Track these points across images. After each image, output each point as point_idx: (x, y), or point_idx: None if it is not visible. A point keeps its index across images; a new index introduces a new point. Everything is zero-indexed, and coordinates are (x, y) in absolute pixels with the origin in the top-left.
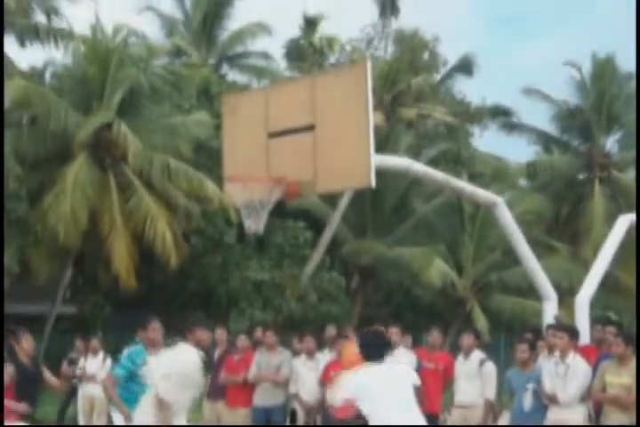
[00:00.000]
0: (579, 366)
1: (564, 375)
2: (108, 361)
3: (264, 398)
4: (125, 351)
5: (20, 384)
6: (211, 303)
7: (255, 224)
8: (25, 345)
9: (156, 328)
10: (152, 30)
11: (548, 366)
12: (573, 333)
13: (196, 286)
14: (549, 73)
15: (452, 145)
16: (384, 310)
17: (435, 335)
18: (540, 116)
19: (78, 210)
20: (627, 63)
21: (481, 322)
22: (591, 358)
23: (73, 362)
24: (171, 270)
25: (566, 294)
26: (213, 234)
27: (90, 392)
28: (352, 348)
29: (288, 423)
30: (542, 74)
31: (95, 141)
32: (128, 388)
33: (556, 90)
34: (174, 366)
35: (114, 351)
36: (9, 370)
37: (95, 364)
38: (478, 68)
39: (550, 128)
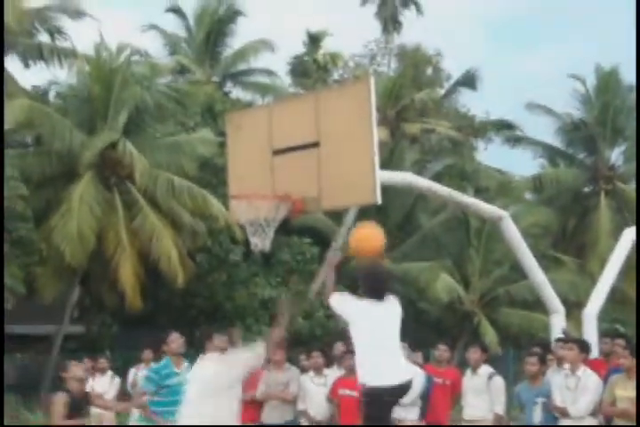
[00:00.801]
0: (590, 380)
1: (575, 388)
2: (116, 380)
3: (272, 415)
4: (153, 366)
5: (72, 410)
6: (217, 320)
7: (261, 242)
8: (75, 373)
9: (175, 339)
10: (155, 48)
11: (557, 379)
12: (584, 345)
13: (202, 304)
14: (553, 86)
15: (457, 159)
16: None
17: (441, 350)
18: (544, 130)
19: (85, 229)
20: (631, 75)
21: (489, 336)
22: (600, 371)
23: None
24: (177, 288)
25: (573, 308)
26: (219, 252)
27: (98, 411)
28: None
29: None
30: (546, 87)
31: (100, 161)
32: (156, 403)
33: (561, 103)
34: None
35: (122, 370)
36: (63, 398)
37: (103, 383)
38: (481, 81)
39: (555, 141)
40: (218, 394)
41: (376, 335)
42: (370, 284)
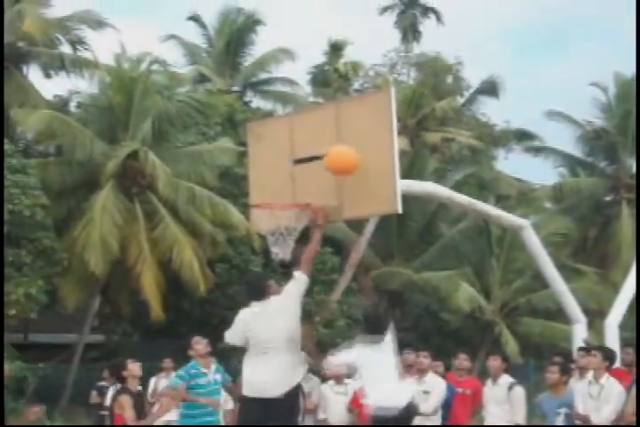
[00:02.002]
0: (613, 388)
1: (598, 396)
2: (138, 389)
3: None
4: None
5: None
6: None
7: (282, 251)
8: (133, 371)
9: (198, 341)
10: (175, 58)
11: (580, 387)
12: (607, 352)
13: (222, 313)
14: (573, 95)
15: (477, 168)
16: (412, 336)
17: (461, 359)
18: (564, 138)
19: (108, 239)
20: None
21: (511, 346)
22: (622, 380)
23: (102, 391)
24: (197, 298)
25: (595, 317)
26: (239, 263)
27: None
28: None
29: None
30: (566, 96)
31: (122, 170)
32: (188, 406)
33: (581, 111)
34: None
35: (142, 379)
36: (129, 400)
37: None
38: (503, 89)
39: (575, 150)
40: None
41: (256, 339)
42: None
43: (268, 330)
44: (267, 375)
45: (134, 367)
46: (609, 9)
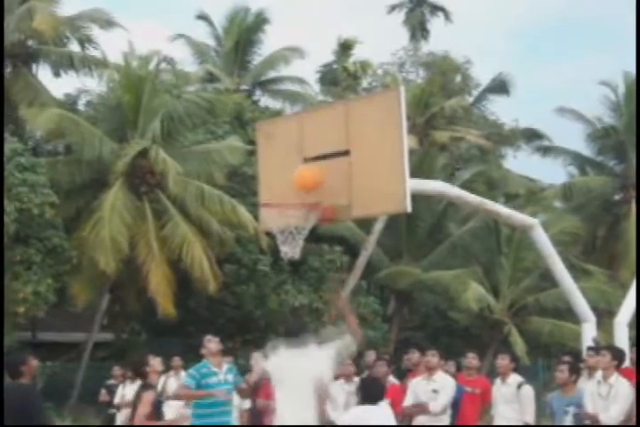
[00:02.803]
0: (622, 387)
1: (607, 396)
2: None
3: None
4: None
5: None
6: (247, 329)
7: (291, 250)
8: (155, 366)
9: (210, 339)
10: (184, 57)
11: (590, 386)
12: (616, 352)
13: (232, 312)
14: (583, 94)
15: (486, 167)
16: (420, 334)
17: (470, 358)
18: (573, 137)
19: (117, 237)
20: None
21: (519, 345)
22: (631, 379)
23: (111, 390)
24: (205, 297)
25: (604, 316)
26: (247, 263)
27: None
28: None
29: None
30: (576, 95)
31: (131, 169)
32: (199, 404)
33: (590, 110)
34: None
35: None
36: (152, 396)
37: (133, 391)
38: (513, 87)
39: (585, 149)
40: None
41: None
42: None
43: (301, 381)
44: (304, 416)
45: (156, 363)
46: (619, 7)
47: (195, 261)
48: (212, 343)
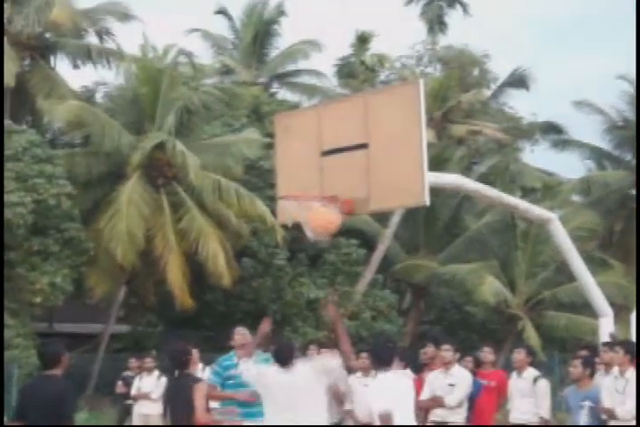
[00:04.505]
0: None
1: (624, 391)
2: (163, 379)
3: None
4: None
5: None
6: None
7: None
8: (195, 358)
9: (238, 332)
10: (201, 50)
11: (606, 381)
12: (629, 347)
13: (248, 305)
14: (601, 88)
15: (503, 161)
16: (437, 328)
17: (485, 352)
18: (592, 131)
19: (134, 229)
20: None
21: (533, 340)
22: None
23: (128, 381)
24: (222, 290)
25: (621, 311)
26: (264, 257)
27: (145, 411)
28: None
29: None
30: (594, 89)
31: (148, 161)
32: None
33: (609, 104)
34: None
35: (167, 370)
36: (205, 387)
37: (150, 382)
38: (533, 82)
39: (602, 142)
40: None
41: (277, 400)
42: (275, 354)
43: (291, 395)
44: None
45: (195, 353)
46: None
47: (211, 255)
48: (237, 335)
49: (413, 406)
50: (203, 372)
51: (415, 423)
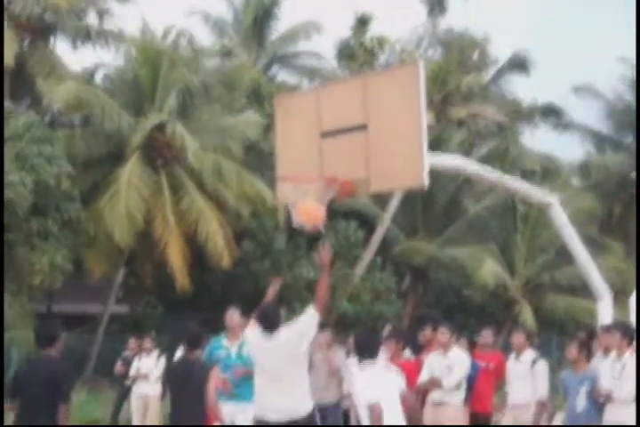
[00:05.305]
0: (634, 365)
1: (621, 374)
2: (162, 360)
3: (317, 396)
4: None
5: None
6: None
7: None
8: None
9: (229, 313)
10: (202, 32)
11: (604, 365)
12: (625, 329)
13: (246, 287)
14: (601, 71)
15: (503, 144)
16: (435, 311)
17: (485, 335)
18: (592, 114)
19: (133, 211)
20: None
21: (530, 323)
22: None
23: (127, 361)
24: (221, 271)
25: (620, 294)
26: (263, 239)
27: (144, 391)
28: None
29: (342, 423)
30: (594, 72)
31: (147, 143)
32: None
33: (609, 87)
34: None
35: (167, 351)
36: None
37: (149, 363)
38: (533, 65)
39: (602, 126)
40: (294, 362)
41: (264, 368)
42: (259, 319)
43: (278, 362)
44: (281, 402)
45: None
46: None
47: (210, 236)
48: (228, 316)
49: (399, 400)
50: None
51: (401, 416)
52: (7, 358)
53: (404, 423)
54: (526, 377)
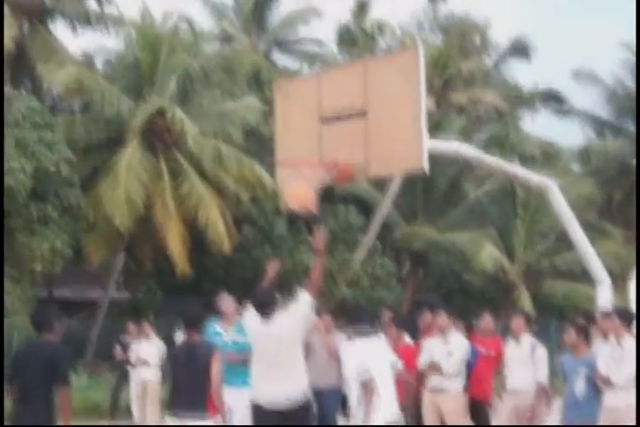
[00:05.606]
0: (632, 348)
1: (620, 359)
2: (161, 345)
3: (315, 380)
4: None
5: None
6: None
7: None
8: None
9: (221, 298)
10: (202, 16)
11: (604, 349)
12: (624, 314)
13: (247, 273)
14: (602, 56)
15: (503, 129)
16: (435, 296)
17: (487, 320)
18: (592, 100)
19: (133, 196)
20: None
21: (528, 308)
22: None
23: (125, 346)
24: (221, 257)
25: (619, 280)
26: (264, 224)
27: (142, 376)
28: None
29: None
30: (596, 57)
31: (147, 128)
32: None
33: (610, 73)
34: None
35: (166, 336)
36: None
37: (148, 348)
38: (533, 50)
39: (603, 111)
40: (291, 348)
41: (261, 353)
42: (255, 305)
43: (274, 348)
44: (278, 388)
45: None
46: None
47: (210, 221)
48: (221, 302)
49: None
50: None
51: (393, 386)
52: (8, 343)
53: (394, 394)
54: (526, 362)
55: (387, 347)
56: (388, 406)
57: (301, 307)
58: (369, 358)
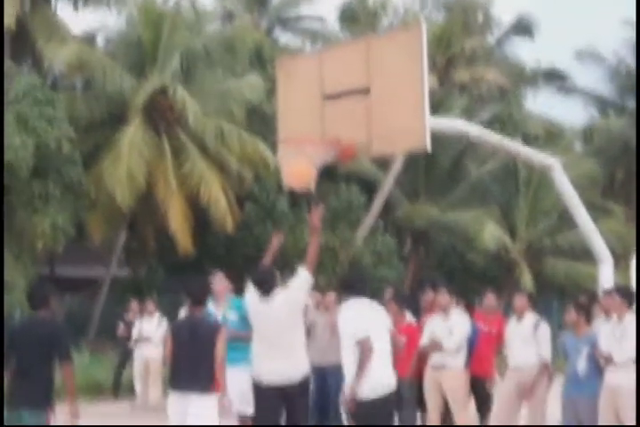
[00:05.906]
0: (632, 325)
1: (621, 337)
2: (164, 323)
3: (318, 358)
4: None
5: None
6: None
7: None
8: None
9: (215, 280)
10: None
11: (605, 328)
12: (624, 292)
13: (249, 251)
14: (605, 34)
15: (506, 108)
16: (437, 274)
17: (490, 298)
18: (595, 79)
19: (135, 173)
20: None
21: (529, 286)
22: None
23: (128, 324)
24: (224, 234)
25: (621, 258)
26: (266, 202)
27: (145, 354)
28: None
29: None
30: (598, 35)
31: (150, 105)
32: None
33: (612, 51)
34: None
35: (168, 314)
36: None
37: (151, 326)
38: (536, 28)
39: (606, 90)
40: (291, 325)
41: (261, 331)
42: (255, 281)
43: (275, 326)
44: (278, 365)
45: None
46: None
47: (213, 199)
48: (213, 280)
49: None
50: None
51: (389, 352)
52: (10, 320)
53: (390, 359)
54: (529, 340)
55: (381, 310)
56: (383, 368)
57: (300, 284)
58: (366, 317)
